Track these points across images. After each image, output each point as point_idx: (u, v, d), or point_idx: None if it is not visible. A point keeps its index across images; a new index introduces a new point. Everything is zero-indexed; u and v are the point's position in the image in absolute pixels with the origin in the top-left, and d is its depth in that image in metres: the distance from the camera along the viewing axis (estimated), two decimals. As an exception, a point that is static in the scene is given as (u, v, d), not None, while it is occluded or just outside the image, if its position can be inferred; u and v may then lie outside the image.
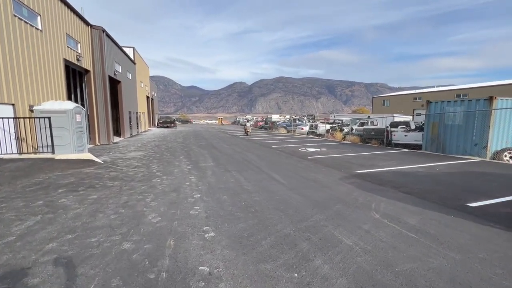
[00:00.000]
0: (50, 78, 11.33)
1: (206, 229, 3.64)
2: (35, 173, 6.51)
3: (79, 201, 4.75)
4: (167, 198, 5.06)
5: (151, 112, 38.35)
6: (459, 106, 11.53)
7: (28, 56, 9.81)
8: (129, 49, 25.91)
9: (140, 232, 3.51)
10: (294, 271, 2.67)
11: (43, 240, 3.20)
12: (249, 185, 6.24)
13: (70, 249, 3.00)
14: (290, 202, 4.91)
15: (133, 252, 2.98)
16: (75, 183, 5.91)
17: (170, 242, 3.24)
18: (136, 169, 7.99)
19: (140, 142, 17.50)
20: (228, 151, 12.99)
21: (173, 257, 2.88)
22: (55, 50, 11.72)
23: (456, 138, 11.52)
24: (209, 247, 3.12)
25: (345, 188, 6.11)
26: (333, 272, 2.66)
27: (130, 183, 6.26)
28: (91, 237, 3.31)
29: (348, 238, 3.45)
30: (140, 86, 29.19)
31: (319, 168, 8.50)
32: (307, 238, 3.42)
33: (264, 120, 39.66)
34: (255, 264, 2.77)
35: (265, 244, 3.22)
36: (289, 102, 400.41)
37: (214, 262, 2.79)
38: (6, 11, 8.65)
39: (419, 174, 7.59)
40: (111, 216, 4.06)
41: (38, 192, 5.12)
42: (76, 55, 13.90)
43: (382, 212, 4.46)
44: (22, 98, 9.42)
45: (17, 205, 4.37)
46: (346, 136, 20.36)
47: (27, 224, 3.66)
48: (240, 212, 4.36)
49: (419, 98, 42.23)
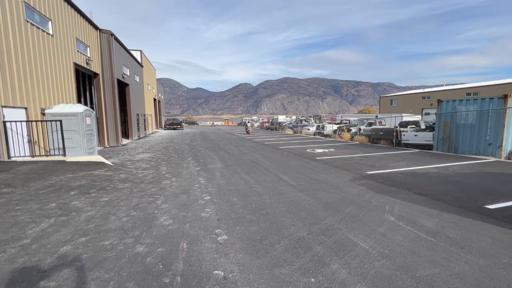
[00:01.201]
0: (61, 81, 11.53)
1: (218, 232, 3.60)
2: (47, 175, 6.60)
3: (91, 203, 4.78)
4: (177, 200, 5.05)
5: (158, 114, 38.72)
6: (471, 105, 11.24)
7: (40, 60, 10.00)
8: (137, 52, 26.23)
9: (153, 235, 3.50)
10: (310, 275, 2.61)
11: (57, 243, 3.21)
12: (258, 186, 6.18)
13: (84, 252, 3.00)
14: (302, 204, 4.84)
15: (146, 255, 2.96)
16: (87, 186, 5.96)
17: (183, 245, 3.21)
18: (145, 171, 8.04)
19: (148, 144, 17.65)
20: (235, 152, 12.98)
21: (186, 260, 2.85)
22: (65, 54, 11.92)
23: (469, 137, 11.23)
24: (222, 251, 3.08)
25: (357, 189, 6.00)
26: (351, 277, 2.58)
27: (140, 185, 6.28)
28: (105, 240, 3.31)
29: (364, 241, 3.36)
30: (147, 89, 29.51)
31: (328, 169, 8.39)
32: (321, 241, 3.35)
33: (270, 121, 39.56)
34: (270, 269, 2.72)
35: (279, 248, 3.16)
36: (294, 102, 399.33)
37: (229, 266, 2.75)
38: (19, 17, 8.84)
39: (432, 175, 7.41)
40: (123, 218, 4.07)
41: (51, 195, 5.18)
42: (86, 59, 14.12)
43: (397, 214, 4.35)
44: (34, 102, 9.60)
45: (31, 208, 4.42)
46: (354, 136, 20.12)
47: (42, 226, 3.69)
48: (252, 214, 4.31)
49: (427, 97, 41.51)
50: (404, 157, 10.87)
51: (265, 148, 14.47)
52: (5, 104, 8.11)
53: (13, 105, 8.48)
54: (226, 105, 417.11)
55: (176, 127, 37.17)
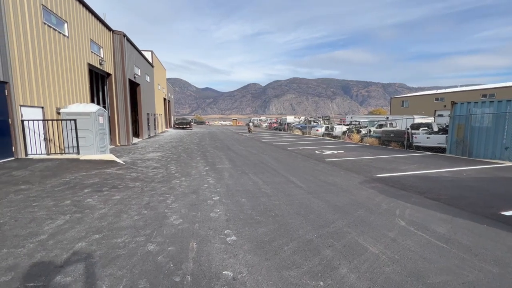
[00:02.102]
0: (75, 82, 11.87)
1: (227, 233, 3.64)
2: (62, 173, 6.82)
3: (104, 201, 4.91)
4: (187, 200, 5.13)
5: (167, 114, 39.27)
6: (487, 107, 10.92)
7: (56, 61, 10.33)
8: (148, 52, 26.68)
9: (163, 233, 3.57)
10: (319, 279, 2.61)
11: (72, 239, 3.32)
12: (267, 188, 6.20)
13: (98, 249, 3.09)
14: (311, 207, 4.83)
15: (157, 254, 3.02)
16: (99, 184, 6.13)
17: (193, 245, 3.26)
18: (155, 170, 8.18)
19: (157, 143, 17.93)
20: (244, 152, 13.03)
21: (196, 260, 2.90)
22: (80, 55, 12.26)
23: (484, 141, 10.91)
24: (231, 251, 3.11)
25: (366, 192, 5.93)
26: (360, 282, 2.57)
27: (151, 184, 6.40)
28: (117, 238, 3.40)
29: (374, 246, 3.33)
30: (157, 89, 29.98)
31: (337, 171, 8.32)
32: (330, 244, 3.34)
33: (279, 122, 39.50)
34: (278, 271, 2.73)
35: (288, 250, 3.17)
36: (303, 103, 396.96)
37: (238, 267, 2.78)
38: (37, 19, 9.16)
39: (445, 179, 7.24)
40: (134, 217, 4.16)
41: (66, 192, 5.35)
42: (99, 59, 14.48)
43: (407, 219, 4.28)
44: (50, 101, 9.92)
45: (48, 204, 4.58)
46: (363, 138, 19.84)
47: (58, 223, 3.82)
48: (260, 216, 4.33)
49: (441, 99, 40.51)
50: (416, 160, 10.66)
51: (273, 149, 14.47)
52: (23, 104, 8.42)
53: (31, 104, 8.80)
54: (234, 105, 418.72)
55: (185, 126, 37.62)
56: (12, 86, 7.94)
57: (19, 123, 8.16)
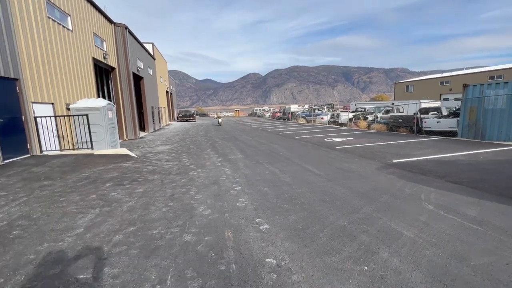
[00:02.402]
0: (82, 77, 11.77)
1: (259, 221, 3.65)
2: (80, 168, 6.86)
3: (128, 194, 4.94)
4: (209, 191, 5.15)
5: (170, 106, 39.13)
6: (501, 88, 10.71)
7: (62, 56, 10.21)
8: (149, 44, 26.31)
9: (196, 224, 3.59)
10: (362, 264, 2.62)
11: (108, 232, 3.36)
12: (285, 176, 6.20)
13: (137, 241, 3.12)
14: (334, 194, 4.83)
15: (196, 244, 3.05)
16: (119, 177, 6.16)
17: (228, 234, 3.29)
18: (169, 163, 8.20)
19: (164, 136, 17.93)
20: (252, 142, 13.01)
21: (236, 249, 2.92)
22: (84, 50, 12.11)
23: (497, 123, 10.77)
24: (268, 239, 3.13)
25: (386, 178, 5.92)
26: (404, 265, 2.58)
27: (169, 176, 6.43)
28: (152, 229, 3.43)
29: (408, 230, 3.33)
30: (159, 81, 29.74)
31: (351, 158, 8.29)
32: (364, 230, 3.34)
33: (282, 111, 39.26)
34: (320, 257, 2.75)
35: (323, 237, 3.18)
36: (304, 91, 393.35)
37: (279, 254, 2.80)
38: (42, 14, 8.99)
39: (462, 163, 7.20)
40: (163, 208, 4.19)
41: (89, 186, 5.38)
42: (103, 53, 14.30)
43: (434, 203, 4.28)
44: (60, 97, 9.88)
45: (74, 199, 4.62)
46: (370, 124, 19.70)
47: (89, 217, 3.86)
48: (287, 204, 4.34)
49: (446, 82, 39.86)
50: (428, 144, 10.58)
51: (281, 138, 14.43)
52: (35, 100, 8.39)
53: (42, 101, 8.76)
54: (235, 96, 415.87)
55: (188, 119, 37.54)
56: (23, 83, 7.89)
57: (32, 120, 8.16)
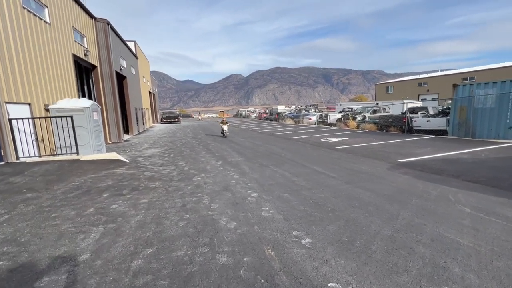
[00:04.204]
0: (61, 75, 10.69)
1: (296, 234, 3.22)
2: (68, 176, 6.03)
3: (132, 206, 4.31)
4: (224, 199, 4.64)
5: (153, 108, 37.56)
6: (491, 88, 11.10)
7: (39, 51, 9.16)
8: (131, 43, 24.96)
9: (226, 241, 3.09)
10: (440, 283, 2.27)
11: (123, 257, 2.77)
12: (299, 180, 5.82)
13: (162, 267, 2.57)
14: (360, 198, 4.51)
15: (236, 267, 2.56)
16: (116, 186, 5.45)
17: (269, 252, 2.82)
18: (166, 168, 7.54)
19: (151, 138, 16.97)
20: (248, 144, 12.56)
21: (287, 272, 2.47)
22: (63, 45, 11.02)
23: (487, 121, 11.14)
24: (318, 257, 2.71)
25: (402, 179, 5.72)
26: (485, 282, 2.27)
27: (172, 183, 5.81)
28: (175, 250, 2.88)
29: (462, 238, 3.06)
30: (142, 81, 28.37)
31: (357, 159, 8.10)
32: (417, 240, 3.02)
33: (269, 112, 39.09)
34: (388, 277, 2.37)
35: (378, 250, 2.82)
36: (286, 92, 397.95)
37: (340, 276, 2.39)
38: (15, 3, 7.96)
39: (467, 161, 7.22)
40: (179, 222, 3.63)
41: (83, 198, 4.66)
42: (84, 49, 13.18)
43: (468, 205, 4.08)
44: (37, 97, 8.83)
45: (69, 214, 3.92)
46: (360, 124, 19.94)
47: (93, 237, 3.22)
48: (317, 211, 3.95)
49: (424, 84, 41.74)
50: (424, 143, 10.70)
51: (276, 139, 14.09)
52: (9, 100, 7.37)
53: (17, 101, 7.73)
54: (217, 97, 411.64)
55: (173, 120, 36.23)
56: (-6, 80, 6.88)
57: (6, 122, 7.13)
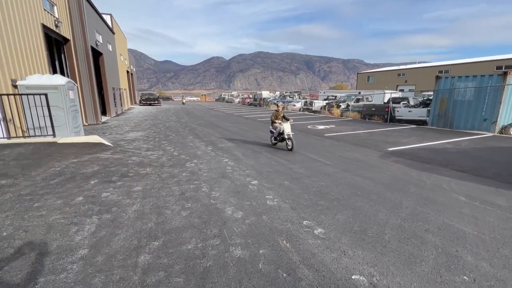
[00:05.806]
0: (30, 48, 9.53)
1: (307, 224, 3.15)
2: (46, 161, 5.45)
3: (126, 194, 3.98)
4: (224, 187, 4.45)
5: (132, 88, 35.48)
6: (470, 81, 11.61)
7: (2, 17, 8.01)
8: (107, 16, 22.91)
9: (236, 232, 2.94)
10: (458, 273, 2.31)
11: (127, 251, 2.52)
12: (296, 167, 5.76)
13: (174, 262, 2.37)
14: (361, 186, 4.54)
15: (253, 261, 2.43)
16: (103, 172, 5.04)
17: (284, 243, 2.72)
18: (153, 152, 7.14)
19: (131, 121, 16.07)
20: (235, 129, 12.31)
21: (307, 264, 2.39)
22: (31, 13, 9.76)
23: (465, 113, 11.74)
24: (335, 248, 2.65)
25: (396, 167, 5.87)
26: (498, 270, 2.34)
27: (164, 169, 5.50)
28: (184, 244, 2.69)
29: (465, 226, 3.16)
30: (120, 59, 26.45)
31: (348, 147, 8.20)
32: (425, 229, 3.08)
33: (253, 97, 38.55)
34: (408, 267, 2.37)
35: (391, 240, 2.82)
36: (268, 78, 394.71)
37: (361, 268, 2.35)
38: (-30, -43, 6.77)
39: (452, 151, 7.58)
40: (181, 212, 3.41)
41: (67, 185, 4.24)
42: (54, 20, 11.81)
43: (462, 193, 4.26)
44: (3, 71, 7.82)
45: (55, 204, 3.53)
46: (343, 112, 20.30)
47: (88, 229, 2.91)
48: (322, 200, 3.90)
49: (402, 75, 43.15)
50: (408, 133, 11.10)
51: (263, 125, 13.91)
52: (-31, 73, 6.42)
53: (-22, 74, 6.77)
54: (197, 80, 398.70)
55: (152, 102, 34.57)
56: (-50, 49, 5.91)
57: (-34, 99, 6.25)
